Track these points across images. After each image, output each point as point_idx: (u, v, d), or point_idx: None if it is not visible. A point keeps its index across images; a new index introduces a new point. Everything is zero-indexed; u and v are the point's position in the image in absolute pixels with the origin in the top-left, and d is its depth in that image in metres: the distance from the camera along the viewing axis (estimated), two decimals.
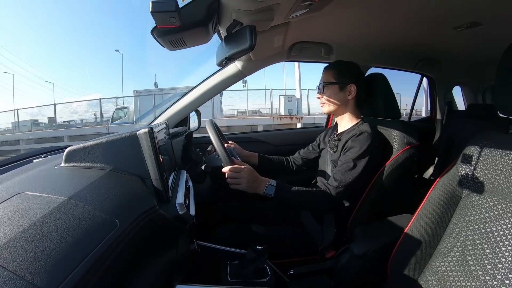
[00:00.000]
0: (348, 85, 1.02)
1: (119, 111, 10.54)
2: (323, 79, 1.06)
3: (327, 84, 1.04)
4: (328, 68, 1.07)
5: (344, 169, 0.91)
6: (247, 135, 1.63)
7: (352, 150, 0.93)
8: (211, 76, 1.30)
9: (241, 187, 0.88)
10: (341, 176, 0.91)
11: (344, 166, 0.92)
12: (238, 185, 0.88)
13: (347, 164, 0.91)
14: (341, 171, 0.92)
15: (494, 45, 1.19)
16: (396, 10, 0.96)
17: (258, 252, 0.75)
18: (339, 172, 0.92)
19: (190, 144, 1.24)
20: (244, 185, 0.88)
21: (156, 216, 0.49)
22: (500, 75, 0.65)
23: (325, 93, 1.05)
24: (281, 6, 0.74)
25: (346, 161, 0.92)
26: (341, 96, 1.04)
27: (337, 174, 0.92)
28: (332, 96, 1.04)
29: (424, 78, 1.93)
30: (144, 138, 0.54)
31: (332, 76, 1.04)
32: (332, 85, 1.04)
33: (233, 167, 0.89)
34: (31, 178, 0.52)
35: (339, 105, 1.05)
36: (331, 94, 1.04)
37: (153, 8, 0.53)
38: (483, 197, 0.62)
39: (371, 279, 0.85)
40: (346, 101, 1.04)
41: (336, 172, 0.93)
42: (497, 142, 0.63)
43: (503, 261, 0.55)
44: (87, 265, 0.31)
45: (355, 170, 0.90)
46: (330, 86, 1.04)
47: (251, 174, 0.89)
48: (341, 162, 0.94)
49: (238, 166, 0.89)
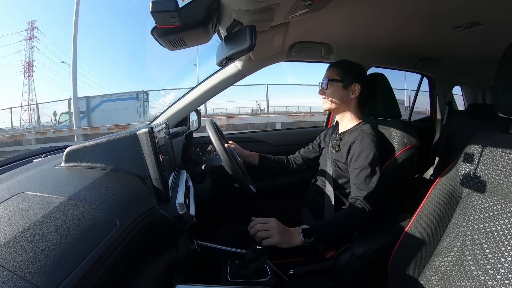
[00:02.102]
0: (352, 84, 1.02)
1: (64, 115, 11.73)
2: (327, 75, 1.06)
3: (332, 81, 1.04)
4: (333, 65, 1.07)
5: (365, 176, 0.89)
6: (247, 135, 1.63)
7: (364, 154, 0.91)
8: (211, 76, 1.30)
9: (274, 240, 0.79)
10: (364, 185, 0.88)
11: (363, 173, 0.89)
12: (271, 239, 0.79)
13: (365, 170, 0.89)
14: (362, 178, 0.89)
15: (494, 45, 1.19)
16: (396, 10, 0.96)
17: (258, 252, 0.75)
18: (360, 180, 0.90)
19: (190, 144, 1.24)
20: (278, 237, 0.79)
21: (156, 216, 0.49)
22: (500, 75, 0.65)
23: (329, 89, 1.05)
24: (281, 6, 0.74)
25: (362, 168, 0.90)
26: (344, 94, 1.04)
27: (360, 184, 0.89)
28: (335, 93, 1.04)
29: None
30: (144, 138, 0.54)
31: (337, 73, 1.04)
32: (336, 82, 1.03)
33: (259, 219, 0.82)
34: (31, 178, 0.52)
35: (340, 103, 1.05)
36: (334, 91, 1.04)
37: (153, 8, 0.52)
38: (483, 197, 0.62)
39: (371, 279, 0.85)
40: (348, 99, 1.04)
41: (357, 182, 0.90)
42: (497, 142, 0.63)
43: (503, 261, 0.55)
44: (87, 265, 0.31)
45: (375, 175, 0.89)
46: (334, 83, 1.04)
47: (280, 225, 0.81)
48: (357, 170, 0.91)
49: (263, 219, 0.82)
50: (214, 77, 1.29)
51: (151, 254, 0.52)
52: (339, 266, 0.88)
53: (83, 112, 10.77)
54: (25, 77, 17.10)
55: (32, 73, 17.22)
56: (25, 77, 17.10)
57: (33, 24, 16.94)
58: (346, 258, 0.87)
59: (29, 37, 16.78)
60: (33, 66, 17.22)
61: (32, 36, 16.90)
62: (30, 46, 16.93)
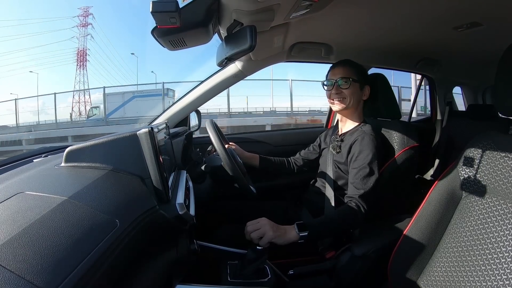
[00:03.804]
0: (365, 85, 1.01)
1: (94, 109, 12.66)
2: (344, 74, 0.99)
3: (353, 81, 0.98)
4: (347, 64, 1.02)
5: (363, 176, 0.89)
6: (247, 135, 1.63)
7: (363, 154, 0.91)
8: (212, 76, 1.30)
9: (268, 236, 0.78)
10: (362, 184, 0.88)
11: (361, 173, 0.89)
12: (265, 236, 0.78)
13: (364, 170, 0.89)
14: (360, 178, 0.89)
15: (494, 45, 1.20)
16: (396, 11, 0.96)
17: (258, 252, 0.75)
18: (358, 179, 0.89)
19: (190, 144, 1.24)
20: (271, 233, 0.78)
21: (156, 216, 0.49)
22: (500, 75, 0.65)
23: (349, 89, 0.99)
24: (281, 7, 0.74)
25: (361, 167, 0.90)
26: (359, 96, 1.02)
27: (357, 183, 0.89)
28: (354, 94, 1.00)
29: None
30: (144, 138, 0.54)
31: (353, 73, 1.00)
32: (355, 83, 1.00)
33: (249, 222, 0.81)
34: (31, 178, 0.52)
35: (354, 105, 1.02)
36: (354, 91, 0.99)
37: (153, 8, 0.53)
38: (483, 198, 0.62)
39: (371, 280, 0.85)
40: (360, 101, 1.03)
41: (354, 181, 0.90)
42: (497, 143, 0.63)
43: (503, 261, 0.55)
44: (87, 265, 0.31)
45: (373, 175, 0.89)
46: (353, 83, 0.99)
47: (270, 221, 0.81)
48: (355, 169, 0.91)
49: (253, 221, 0.82)
50: (214, 78, 1.29)
51: (151, 254, 0.52)
52: (339, 266, 0.88)
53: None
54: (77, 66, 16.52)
55: (86, 62, 16.57)
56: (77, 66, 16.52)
57: (87, 10, 16.23)
58: (346, 258, 0.87)
59: (82, 23, 16.04)
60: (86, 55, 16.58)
61: (86, 23, 16.13)
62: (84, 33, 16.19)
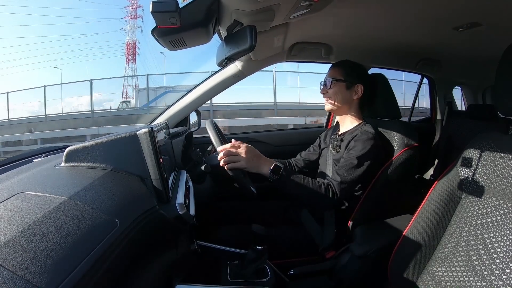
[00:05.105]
0: (355, 84, 1.02)
1: (123, 104, 13.01)
2: (330, 75, 1.04)
3: (335, 80, 1.03)
4: (336, 65, 1.06)
5: (348, 166, 0.90)
6: (247, 135, 1.63)
7: (355, 148, 0.92)
8: (211, 76, 1.30)
9: (240, 164, 0.81)
10: (344, 172, 0.89)
11: (348, 163, 0.90)
12: (237, 163, 0.80)
13: (351, 161, 0.90)
14: (345, 167, 0.90)
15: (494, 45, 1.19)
16: (396, 11, 0.96)
17: (258, 252, 0.75)
18: (342, 168, 0.91)
19: (190, 144, 1.24)
20: (244, 161, 0.80)
21: (156, 216, 0.49)
22: (500, 76, 0.65)
23: (331, 89, 1.03)
24: (281, 7, 0.74)
25: (349, 158, 0.91)
26: (347, 95, 1.03)
27: (341, 170, 0.91)
28: (338, 94, 1.03)
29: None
30: (144, 138, 0.54)
31: (340, 73, 1.03)
32: (340, 82, 1.03)
33: (231, 144, 0.83)
34: (31, 178, 0.52)
35: (343, 104, 1.04)
36: (337, 91, 1.03)
37: (153, 8, 0.53)
38: (483, 198, 0.62)
39: (371, 280, 0.85)
40: (351, 100, 1.04)
41: (339, 168, 0.92)
42: (497, 143, 0.63)
43: (503, 261, 0.55)
44: (87, 265, 0.31)
45: (359, 168, 0.89)
46: (337, 83, 1.03)
47: (251, 150, 0.84)
48: (344, 159, 0.93)
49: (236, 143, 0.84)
50: (214, 78, 1.29)
51: (151, 254, 0.52)
52: (339, 266, 0.88)
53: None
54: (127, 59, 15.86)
55: (135, 55, 15.88)
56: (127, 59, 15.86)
57: (136, 2, 15.64)
58: (346, 258, 0.87)
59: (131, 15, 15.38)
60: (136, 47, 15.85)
61: (135, 15, 15.50)
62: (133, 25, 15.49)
